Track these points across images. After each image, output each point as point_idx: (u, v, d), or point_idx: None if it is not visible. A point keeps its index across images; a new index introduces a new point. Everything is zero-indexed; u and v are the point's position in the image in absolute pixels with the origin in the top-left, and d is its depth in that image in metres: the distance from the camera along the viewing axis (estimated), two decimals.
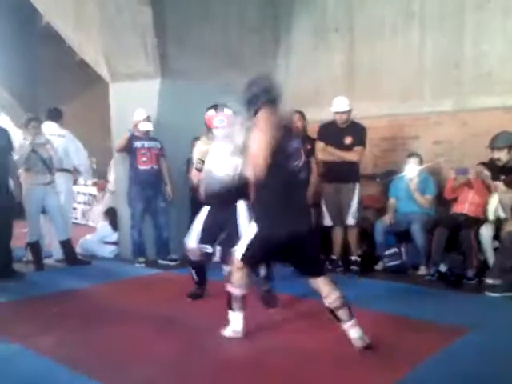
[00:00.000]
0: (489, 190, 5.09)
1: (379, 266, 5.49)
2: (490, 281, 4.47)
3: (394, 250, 5.37)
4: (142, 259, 5.82)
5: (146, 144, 5.84)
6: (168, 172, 6.00)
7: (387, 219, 5.43)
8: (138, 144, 5.83)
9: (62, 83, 10.41)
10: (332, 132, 5.36)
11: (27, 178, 5.52)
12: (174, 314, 3.93)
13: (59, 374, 2.88)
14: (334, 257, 5.50)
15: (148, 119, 5.83)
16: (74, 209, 9.24)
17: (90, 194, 9.04)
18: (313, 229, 3.25)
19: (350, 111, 5.32)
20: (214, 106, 4.20)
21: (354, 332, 3.07)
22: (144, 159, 5.81)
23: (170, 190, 5.97)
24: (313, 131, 5.78)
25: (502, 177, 4.46)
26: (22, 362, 3.05)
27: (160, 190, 5.96)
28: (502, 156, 4.29)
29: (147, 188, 5.83)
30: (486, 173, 4.99)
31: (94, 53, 6.32)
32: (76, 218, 9.13)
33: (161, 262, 5.90)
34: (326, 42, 6.67)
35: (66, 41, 6.89)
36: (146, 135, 5.87)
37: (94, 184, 9.07)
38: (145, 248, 5.94)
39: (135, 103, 5.96)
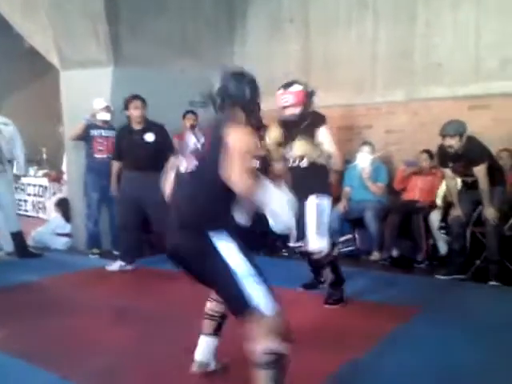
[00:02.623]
0: (437, 177, 5.28)
1: (334, 252, 5.59)
2: None
3: (348, 236, 5.50)
4: (96, 250, 5.72)
5: (104, 133, 5.72)
6: None
7: (341, 207, 5.54)
8: (95, 132, 5.70)
9: (12, 72, 10.03)
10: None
11: None
12: (128, 304, 3.89)
13: (15, 368, 2.83)
14: (291, 244, 5.57)
15: (107, 109, 5.69)
16: (25, 201, 8.99)
17: (41, 186, 8.78)
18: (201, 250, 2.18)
19: None
20: (285, 84, 3.81)
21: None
22: (100, 148, 5.69)
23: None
24: (269, 119, 5.81)
25: (450, 164, 4.62)
26: None
27: None
28: (454, 143, 4.44)
29: (103, 177, 5.70)
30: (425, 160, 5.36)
31: (44, 40, 6.12)
32: (27, 211, 8.87)
33: (116, 252, 5.82)
34: (282, 32, 6.70)
35: (13, 28, 6.65)
36: (105, 124, 5.74)
37: (45, 175, 8.82)
38: (100, 239, 5.84)
39: (87, 91, 5.82)
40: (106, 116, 5.69)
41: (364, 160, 5.46)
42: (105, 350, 3.03)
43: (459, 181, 4.74)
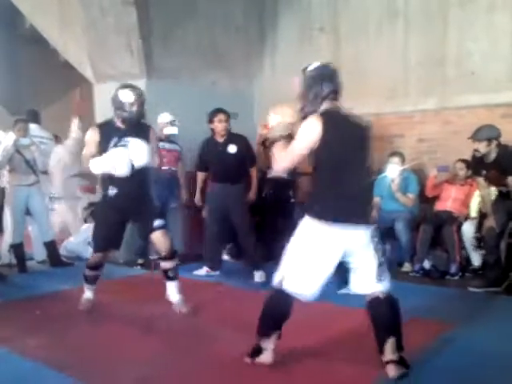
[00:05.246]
0: (472, 187, 5.17)
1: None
2: None
3: None
4: (141, 261, 5.73)
5: (167, 146, 5.71)
6: (183, 175, 5.91)
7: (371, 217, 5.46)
8: (159, 145, 5.74)
9: (47, 85, 10.34)
10: None
11: (11, 179, 5.49)
12: (158, 314, 3.93)
13: (46, 376, 2.87)
14: None
15: (173, 123, 5.68)
16: None
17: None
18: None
19: None
20: None
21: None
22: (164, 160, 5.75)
23: (185, 193, 5.88)
24: None
25: (483, 172, 4.51)
26: (7, 365, 3.03)
27: (174, 191, 5.86)
28: (481, 147, 4.36)
29: (164, 189, 5.66)
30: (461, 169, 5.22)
31: (79, 54, 6.29)
32: None
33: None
34: (312, 41, 6.69)
35: (49, 43, 6.86)
36: (168, 138, 5.72)
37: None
38: (147, 250, 5.86)
39: None
40: (174, 130, 5.67)
41: (393, 171, 5.38)
42: (135, 360, 3.05)
43: (493, 190, 4.62)
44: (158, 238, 3.89)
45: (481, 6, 5.44)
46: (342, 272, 2.88)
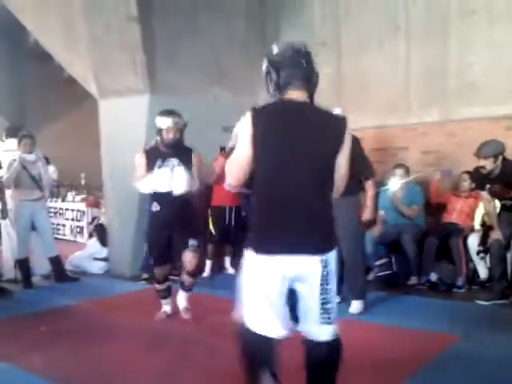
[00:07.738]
0: (478, 199, 5.16)
1: (370, 277, 5.50)
2: None
3: (384, 260, 5.39)
4: (145, 275, 5.69)
5: None
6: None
7: (376, 230, 5.45)
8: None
9: (51, 100, 10.40)
10: None
11: (16, 195, 5.51)
12: (163, 328, 3.92)
13: None
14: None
15: None
16: (63, 225, 9.21)
17: (79, 210, 8.98)
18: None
19: None
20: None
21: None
22: None
23: None
24: None
25: (487, 186, 4.50)
26: (12, 382, 3.02)
27: None
28: (487, 164, 4.36)
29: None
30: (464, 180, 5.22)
31: (83, 70, 6.33)
32: (65, 235, 9.08)
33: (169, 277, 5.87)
34: (314, 56, 6.72)
35: (54, 58, 6.91)
36: None
37: (83, 200, 9.03)
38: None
39: (124, 119, 5.97)
40: None
41: (395, 184, 5.37)
42: (140, 376, 3.04)
43: (498, 203, 4.62)
44: (187, 256, 4.04)
45: (482, 19, 5.46)
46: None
